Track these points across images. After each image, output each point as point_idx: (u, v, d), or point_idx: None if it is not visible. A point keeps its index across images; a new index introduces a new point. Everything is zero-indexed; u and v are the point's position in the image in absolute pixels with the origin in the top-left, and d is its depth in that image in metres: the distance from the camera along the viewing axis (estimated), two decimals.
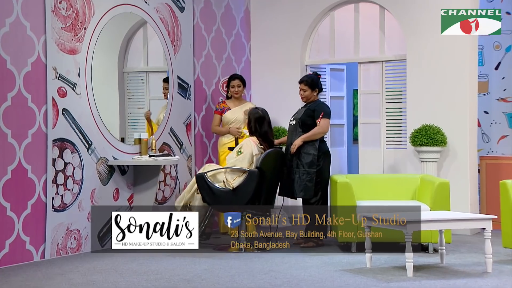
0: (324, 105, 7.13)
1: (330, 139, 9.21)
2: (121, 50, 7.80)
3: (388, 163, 8.50)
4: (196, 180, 6.92)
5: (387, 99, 8.57)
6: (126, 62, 7.86)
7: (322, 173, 6.98)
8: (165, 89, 7.88)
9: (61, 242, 6.52)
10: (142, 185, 7.35)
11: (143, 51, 8.03)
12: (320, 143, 7.02)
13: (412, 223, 5.43)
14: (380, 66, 8.60)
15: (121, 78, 7.80)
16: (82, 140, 6.77)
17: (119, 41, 7.78)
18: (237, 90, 8.03)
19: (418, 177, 7.20)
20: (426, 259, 6.34)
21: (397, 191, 7.17)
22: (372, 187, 7.18)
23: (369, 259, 5.89)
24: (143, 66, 8.07)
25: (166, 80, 7.89)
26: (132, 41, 7.90)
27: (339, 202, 6.66)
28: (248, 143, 6.94)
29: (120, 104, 7.77)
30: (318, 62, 9.08)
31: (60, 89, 6.54)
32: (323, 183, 6.98)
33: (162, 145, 7.76)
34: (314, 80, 7.14)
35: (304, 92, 7.16)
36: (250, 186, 6.73)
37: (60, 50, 6.54)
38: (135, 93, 7.91)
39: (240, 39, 9.10)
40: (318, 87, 7.15)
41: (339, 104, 9.46)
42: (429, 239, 6.61)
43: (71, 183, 6.63)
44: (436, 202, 6.59)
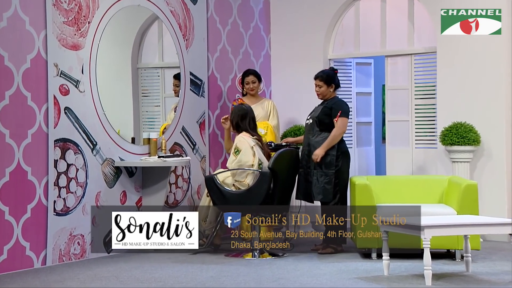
0: (342, 103, 7.10)
1: (355, 138, 9.18)
2: (135, 45, 7.86)
3: (417, 163, 8.43)
4: (206, 182, 6.95)
5: (417, 95, 8.50)
6: (140, 58, 7.91)
7: (341, 174, 6.95)
8: (175, 86, 7.91)
9: (64, 248, 6.58)
10: (151, 187, 7.39)
11: (158, 46, 8.08)
12: (339, 143, 6.97)
13: (430, 228, 5.37)
14: (409, 60, 8.53)
15: (135, 74, 7.85)
16: (86, 140, 6.83)
17: (132, 35, 7.84)
18: (252, 86, 8.03)
19: (446, 179, 7.13)
20: (451, 267, 6.28)
21: (423, 193, 7.11)
22: (396, 190, 7.12)
23: (386, 266, 5.85)
24: (158, 62, 8.12)
25: (177, 77, 7.92)
26: (146, 36, 7.95)
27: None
28: (241, 138, 7.01)
29: (134, 102, 7.82)
30: (343, 55, 9.05)
31: (62, 86, 6.61)
32: (342, 184, 6.95)
33: (173, 146, 7.79)
34: (330, 75, 7.11)
35: (320, 88, 7.13)
36: (263, 187, 6.74)
37: (62, 46, 6.61)
38: (151, 90, 7.96)
39: (258, 32, 9.10)
40: (335, 83, 7.12)
41: (366, 100, 9.40)
42: (456, 245, 6.53)
43: (74, 186, 6.70)
44: (463, 205, 6.53)
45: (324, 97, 7.15)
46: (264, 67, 9.11)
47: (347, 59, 9.13)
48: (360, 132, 9.31)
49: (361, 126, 9.30)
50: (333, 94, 7.16)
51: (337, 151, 6.95)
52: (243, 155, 6.89)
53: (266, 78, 9.12)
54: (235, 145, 7.00)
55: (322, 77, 7.11)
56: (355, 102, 9.21)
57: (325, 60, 9.01)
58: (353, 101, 9.19)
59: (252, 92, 8.05)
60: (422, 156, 8.41)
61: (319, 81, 7.12)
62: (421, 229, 5.37)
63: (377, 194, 6.95)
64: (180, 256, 6.86)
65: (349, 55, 9.03)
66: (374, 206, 6.62)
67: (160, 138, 7.55)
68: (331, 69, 7.18)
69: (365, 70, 9.39)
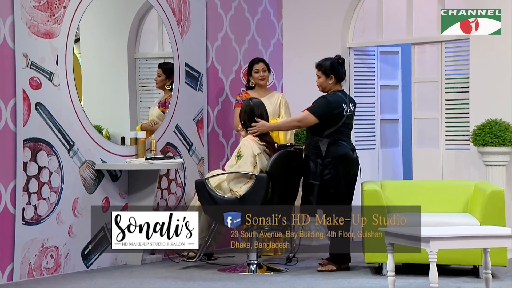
0: (327, 101, 6.86)
1: (379, 138, 9.05)
2: (132, 32, 7.84)
3: (448, 167, 8.28)
4: (196, 187, 6.89)
5: (447, 88, 8.35)
6: (138, 47, 7.90)
7: (336, 181, 6.79)
8: (157, 75, 7.84)
9: (34, 262, 6.56)
10: (138, 193, 7.35)
11: (157, 34, 8.05)
12: (329, 146, 6.80)
13: (437, 240, 5.24)
14: (439, 48, 8.39)
15: (131, 65, 7.84)
16: (62, 140, 6.81)
17: (128, 22, 7.82)
18: (262, 75, 7.92)
19: (472, 185, 7.01)
20: (470, 285, 6.15)
21: (446, 201, 7.00)
22: (414, 197, 7.00)
23: (392, 282, 5.73)
24: (157, 51, 8.10)
25: (162, 66, 7.87)
26: (145, 22, 7.93)
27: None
28: (246, 142, 6.85)
29: (131, 97, 7.81)
30: (363, 44, 8.94)
31: (32, 79, 6.59)
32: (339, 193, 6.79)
33: (165, 146, 7.74)
34: (330, 65, 6.95)
35: (318, 79, 7.01)
36: (259, 194, 6.65)
37: (32, 34, 6.59)
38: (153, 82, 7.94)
39: (268, 18, 9.02)
40: (335, 74, 6.95)
41: (392, 95, 9.28)
42: (479, 261, 6.38)
43: (47, 191, 6.68)
44: (487, 215, 6.42)
45: (324, 90, 7.02)
46: (274, 58, 9.02)
47: (369, 47, 9.02)
48: (385, 131, 9.19)
49: (386, 124, 9.18)
50: (334, 88, 6.99)
51: (326, 157, 6.77)
52: (242, 166, 6.78)
53: (277, 70, 9.03)
54: (238, 149, 6.92)
55: (320, 66, 6.98)
56: (378, 97, 9.09)
57: (344, 48, 8.91)
58: (377, 96, 9.07)
59: (262, 82, 7.92)
60: (453, 158, 8.26)
61: (317, 71, 7.01)
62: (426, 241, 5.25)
63: (393, 202, 6.86)
64: (167, 271, 6.82)
65: (371, 43, 8.92)
66: (385, 215, 6.50)
67: (150, 138, 7.50)
68: (337, 58, 7.03)
69: (391, 60, 9.27)
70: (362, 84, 8.99)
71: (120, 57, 7.83)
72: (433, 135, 8.43)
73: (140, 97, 7.91)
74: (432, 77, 8.45)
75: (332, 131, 6.86)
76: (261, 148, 6.87)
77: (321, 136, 6.87)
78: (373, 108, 9.06)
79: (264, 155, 6.86)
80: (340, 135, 6.92)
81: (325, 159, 6.80)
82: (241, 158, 6.81)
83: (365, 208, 6.60)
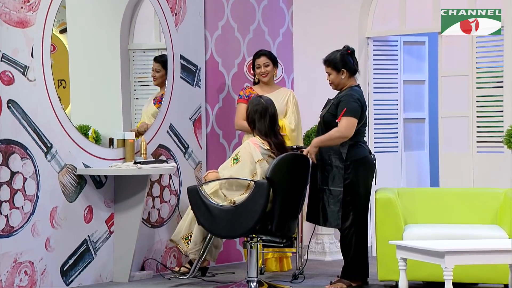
0: (351, 98, 6.84)
1: (402, 140, 9.03)
2: (125, 20, 7.87)
3: (480, 171, 8.24)
4: (188, 194, 6.88)
5: (479, 84, 8.33)
6: (132, 37, 7.93)
7: (355, 188, 6.77)
8: (155, 71, 7.87)
9: (6, 279, 6.59)
10: (125, 201, 7.37)
11: (154, 22, 8.07)
12: (350, 148, 6.79)
13: (452, 254, 5.23)
14: (469, 38, 8.35)
15: (125, 58, 7.87)
16: (38, 142, 6.84)
17: (121, 8, 7.85)
18: (264, 70, 7.93)
19: (501, 193, 6.98)
20: None
21: (473, 211, 6.98)
22: (436, 206, 7.02)
23: None
24: (154, 42, 8.13)
25: (159, 60, 7.88)
26: (139, 9, 7.96)
27: (378, 227, 6.50)
28: (247, 146, 6.82)
29: (124, 93, 7.84)
30: (384, 33, 8.94)
31: (4, 74, 6.63)
32: (357, 201, 6.78)
33: (157, 149, 7.76)
34: (339, 58, 6.93)
35: (329, 76, 7.00)
36: (258, 203, 6.62)
37: (3, 22, 6.62)
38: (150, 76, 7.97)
39: (276, 4, 9.03)
40: (346, 67, 6.93)
41: (418, 91, 9.29)
42: None
43: (21, 200, 6.70)
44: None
45: (337, 87, 7.01)
46: (283, 49, 9.02)
47: (391, 37, 9.01)
48: (409, 132, 9.18)
49: (411, 124, 9.18)
50: (348, 83, 6.95)
51: (346, 160, 6.77)
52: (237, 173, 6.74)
53: (287, 63, 9.04)
54: (237, 151, 6.89)
55: (328, 61, 6.97)
56: (401, 93, 9.09)
57: (362, 38, 8.92)
58: (400, 92, 9.08)
59: (265, 79, 7.93)
60: (485, 162, 8.23)
61: (326, 68, 7.00)
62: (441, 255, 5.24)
63: (411, 212, 6.88)
64: None
65: (393, 32, 8.92)
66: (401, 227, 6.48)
67: (139, 140, 7.52)
68: (345, 49, 7.01)
69: (416, 51, 9.28)
70: (383, 78, 8.98)
71: (112, 48, 7.85)
72: (462, 136, 8.39)
73: (135, 93, 7.93)
74: (462, 70, 8.42)
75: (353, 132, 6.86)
76: (265, 153, 6.82)
77: None
78: (395, 105, 9.05)
79: (271, 161, 6.80)
80: (359, 135, 6.93)
81: (346, 161, 6.79)
82: (237, 162, 6.78)
83: (378, 218, 6.58)
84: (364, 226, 6.86)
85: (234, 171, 6.76)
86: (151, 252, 7.69)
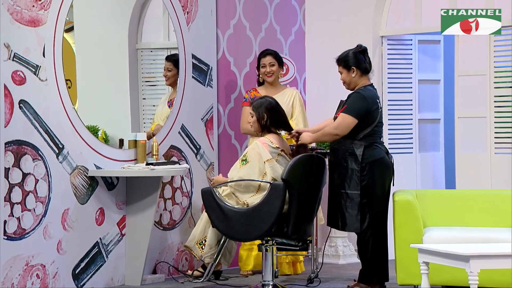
0: (360, 96, 6.85)
1: (417, 141, 9.04)
2: (133, 19, 7.88)
3: (498, 173, 8.25)
4: (202, 196, 6.89)
5: (497, 83, 8.33)
6: (140, 36, 7.94)
7: (371, 190, 6.77)
8: (167, 70, 7.88)
9: (18, 282, 6.60)
10: (137, 203, 7.39)
11: (162, 21, 8.08)
12: (365, 150, 6.79)
13: (478, 258, 5.23)
14: (487, 36, 8.34)
15: (133, 57, 7.88)
16: (49, 143, 6.85)
17: (129, 7, 7.86)
18: (269, 70, 7.93)
19: None
20: None
21: (491, 214, 6.99)
22: (456, 209, 7.04)
23: None
24: (163, 41, 8.13)
25: (170, 59, 7.88)
26: (148, 7, 7.97)
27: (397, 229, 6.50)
28: (255, 146, 6.82)
29: (132, 93, 7.85)
30: (399, 31, 8.94)
31: (15, 73, 6.64)
32: (374, 203, 6.78)
33: (169, 150, 7.78)
34: (350, 56, 6.93)
35: (341, 75, 7.01)
36: (274, 205, 6.63)
37: (15, 21, 6.63)
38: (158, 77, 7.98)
39: (288, 2, 9.06)
40: (357, 66, 6.92)
41: (433, 90, 9.28)
42: None
43: (33, 202, 6.72)
44: None
45: (350, 86, 7.01)
46: (295, 48, 9.03)
47: (406, 36, 9.02)
48: (424, 133, 9.18)
49: (426, 124, 9.17)
50: (361, 82, 6.95)
51: (362, 162, 6.76)
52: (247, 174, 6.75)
53: (299, 62, 9.05)
54: (245, 152, 6.90)
55: (339, 60, 6.98)
56: (416, 93, 9.09)
57: (376, 37, 8.93)
58: (414, 92, 9.08)
59: (270, 79, 7.93)
60: (504, 164, 8.23)
61: (338, 67, 7.01)
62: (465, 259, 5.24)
63: (429, 214, 6.89)
64: None
65: (408, 31, 8.92)
66: (420, 230, 6.48)
67: (151, 141, 7.53)
68: (357, 47, 7.01)
69: (431, 50, 9.27)
70: (397, 78, 8.99)
71: (120, 48, 7.86)
72: (480, 137, 8.41)
73: (143, 94, 7.93)
74: (480, 69, 8.43)
75: (367, 132, 6.84)
76: (275, 152, 6.82)
77: (354, 138, 6.84)
78: (410, 106, 9.06)
79: (282, 159, 6.82)
80: (375, 136, 6.91)
81: (362, 163, 6.79)
82: (246, 163, 6.79)
83: (396, 221, 6.58)
84: (382, 229, 6.84)
85: (243, 173, 6.77)
86: (162, 255, 7.71)
